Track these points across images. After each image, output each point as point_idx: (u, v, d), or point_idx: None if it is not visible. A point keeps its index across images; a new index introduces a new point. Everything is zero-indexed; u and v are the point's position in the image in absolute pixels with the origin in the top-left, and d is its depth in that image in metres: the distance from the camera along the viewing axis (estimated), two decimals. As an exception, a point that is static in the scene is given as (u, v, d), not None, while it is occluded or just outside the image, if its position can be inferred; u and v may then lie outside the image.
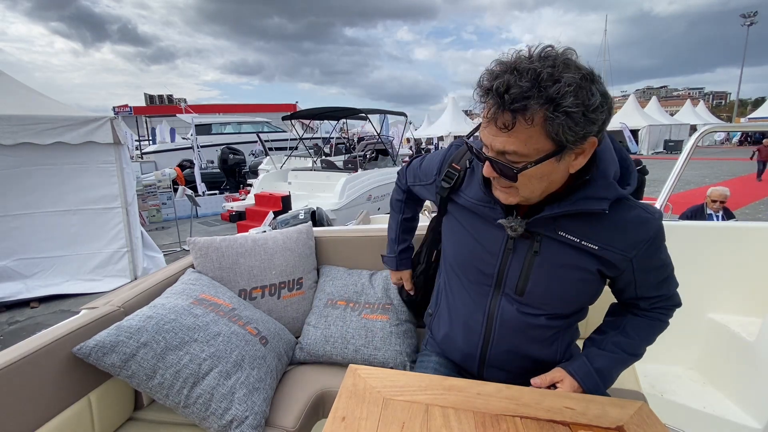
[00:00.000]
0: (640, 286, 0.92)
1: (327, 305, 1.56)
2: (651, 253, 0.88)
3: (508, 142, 0.73)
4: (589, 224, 0.85)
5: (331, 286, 1.62)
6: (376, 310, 1.51)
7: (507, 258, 0.93)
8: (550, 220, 0.86)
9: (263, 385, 1.18)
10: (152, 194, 8.19)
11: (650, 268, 0.90)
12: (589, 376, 0.92)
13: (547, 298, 0.93)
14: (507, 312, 0.96)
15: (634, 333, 0.96)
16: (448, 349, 1.12)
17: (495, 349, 1.00)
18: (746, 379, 1.64)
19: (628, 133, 24.95)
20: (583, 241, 0.86)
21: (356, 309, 1.53)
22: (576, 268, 0.89)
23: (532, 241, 0.90)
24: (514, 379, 0.98)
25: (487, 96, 0.72)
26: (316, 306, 1.59)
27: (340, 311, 1.53)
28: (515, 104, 0.68)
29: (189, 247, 1.52)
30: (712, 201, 3.78)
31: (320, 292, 1.63)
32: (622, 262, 0.87)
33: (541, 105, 0.68)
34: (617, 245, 0.85)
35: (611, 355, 0.95)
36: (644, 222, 0.86)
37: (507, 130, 0.71)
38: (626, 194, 0.85)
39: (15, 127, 3.64)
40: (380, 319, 1.48)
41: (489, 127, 0.74)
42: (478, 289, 1.00)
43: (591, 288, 0.92)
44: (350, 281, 1.62)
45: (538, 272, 0.90)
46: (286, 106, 21.67)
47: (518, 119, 0.70)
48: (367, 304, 1.54)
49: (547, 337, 0.97)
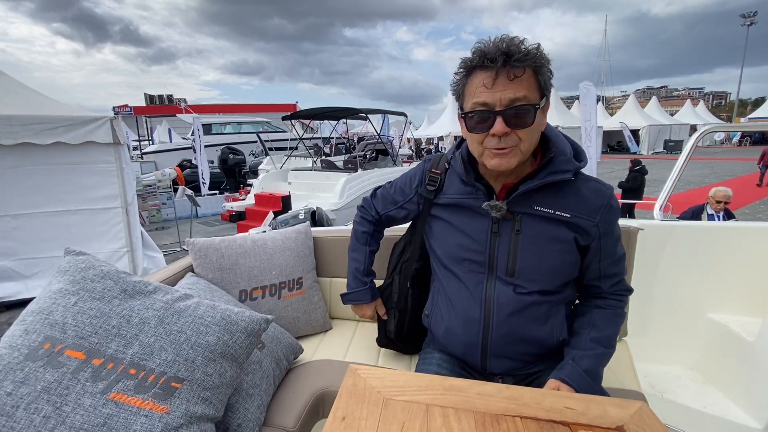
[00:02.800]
0: (604, 258, 1.04)
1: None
2: (610, 219, 1.02)
3: (519, 89, 0.87)
4: (557, 196, 0.99)
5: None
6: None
7: (494, 242, 1.03)
8: (526, 197, 0.99)
9: (257, 390, 1.14)
10: (152, 194, 8.19)
11: (611, 235, 1.03)
12: (582, 378, 0.98)
13: (536, 274, 1.02)
14: (502, 294, 1.03)
15: (604, 325, 1.05)
16: (450, 343, 1.14)
17: (495, 335, 1.05)
18: (746, 379, 1.64)
19: (628, 132, 24.96)
20: (556, 211, 0.99)
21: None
22: (555, 240, 1.00)
23: (513, 221, 1.01)
24: (516, 369, 1.08)
25: (489, 62, 0.87)
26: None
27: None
28: (519, 60, 0.86)
29: (188, 248, 1.52)
30: (716, 201, 3.80)
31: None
32: (591, 228, 1.00)
33: (534, 62, 0.88)
34: (583, 211, 0.99)
35: (593, 353, 1.02)
36: (599, 190, 1.02)
37: (518, 77, 0.87)
38: (582, 167, 1.01)
39: (15, 127, 3.64)
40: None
41: (497, 84, 0.87)
42: (472, 278, 1.07)
43: (571, 258, 1.02)
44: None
45: (524, 250, 1.01)
46: (286, 106, 21.67)
47: (525, 69, 0.87)
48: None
49: (541, 314, 1.04)
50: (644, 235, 1.62)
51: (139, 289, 0.98)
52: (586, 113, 6.77)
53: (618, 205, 1.04)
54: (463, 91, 0.96)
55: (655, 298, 1.95)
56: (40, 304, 0.92)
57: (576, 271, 1.05)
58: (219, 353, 0.96)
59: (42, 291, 0.96)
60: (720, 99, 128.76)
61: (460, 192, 1.08)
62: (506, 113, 0.88)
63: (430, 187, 1.14)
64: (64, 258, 1.02)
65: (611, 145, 29.54)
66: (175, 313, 0.96)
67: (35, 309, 0.91)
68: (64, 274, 0.97)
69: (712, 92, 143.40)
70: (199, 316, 0.98)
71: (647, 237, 1.79)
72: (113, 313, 0.91)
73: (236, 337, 1.00)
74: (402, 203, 1.26)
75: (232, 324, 1.00)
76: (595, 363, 1.02)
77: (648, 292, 1.93)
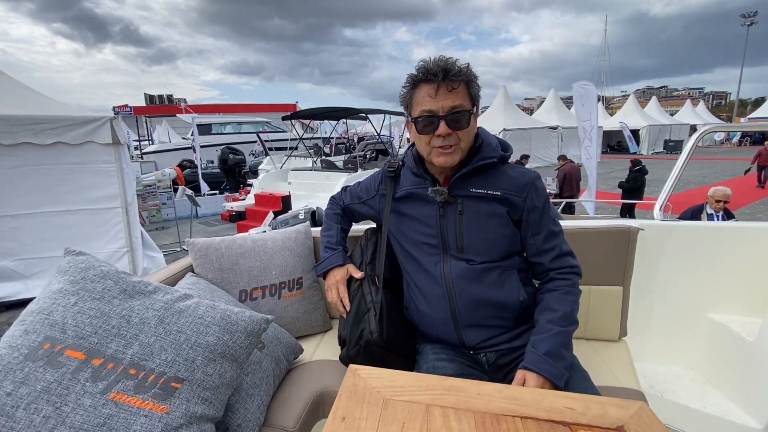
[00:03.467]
0: (536, 232, 1.18)
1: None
2: (537, 197, 1.18)
3: (456, 98, 1.09)
4: (489, 179, 1.18)
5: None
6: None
7: (443, 225, 1.20)
8: (463, 182, 1.18)
9: (257, 391, 1.15)
10: (152, 194, 8.19)
11: (538, 210, 1.18)
12: (543, 362, 1.04)
13: (481, 247, 1.17)
14: (457, 268, 1.18)
15: (557, 305, 1.13)
16: (429, 324, 1.25)
17: (459, 304, 1.17)
18: (746, 379, 1.64)
19: (628, 132, 24.95)
20: (489, 191, 1.17)
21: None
22: (492, 215, 1.17)
23: (455, 204, 1.19)
24: (494, 340, 1.18)
25: (432, 77, 1.08)
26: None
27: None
28: (455, 75, 1.08)
29: (188, 248, 1.52)
30: (716, 201, 3.80)
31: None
32: (519, 203, 1.17)
33: (466, 76, 1.10)
34: (512, 189, 1.17)
35: (550, 335, 1.08)
36: (524, 173, 1.21)
37: (455, 89, 1.08)
38: (507, 156, 1.22)
39: (15, 127, 3.64)
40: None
41: (439, 94, 1.08)
42: (431, 260, 1.22)
43: (508, 230, 1.18)
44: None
45: (468, 227, 1.17)
46: (286, 106, 21.67)
47: (460, 83, 1.09)
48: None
49: (496, 279, 1.17)
50: (644, 235, 1.62)
51: (139, 289, 0.98)
52: (585, 113, 6.76)
53: (543, 186, 1.21)
54: (410, 101, 1.16)
55: (655, 298, 1.95)
56: (40, 304, 0.92)
57: (517, 243, 1.20)
58: (219, 353, 0.96)
59: (42, 291, 0.96)
60: (720, 99, 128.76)
61: (411, 183, 1.27)
62: (447, 118, 1.09)
63: (390, 175, 1.34)
64: (64, 258, 1.02)
65: (611, 145, 29.54)
66: (175, 313, 0.96)
67: (35, 309, 0.90)
68: (64, 274, 0.97)
69: (712, 92, 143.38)
70: (199, 316, 0.98)
71: (647, 237, 1.79)
72: (113, 313, 0.91)
73: (236, 337, 1.00)
74: (365, 200, 1.44)
75: (232, 324, 1.00)
76: (555, 343, 1.07)
77: (648, 292, 1.93)
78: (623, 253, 1.54)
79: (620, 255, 1.54)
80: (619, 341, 1.59)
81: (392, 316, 1.27)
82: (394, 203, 1.32)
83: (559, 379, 1.03)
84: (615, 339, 1.58)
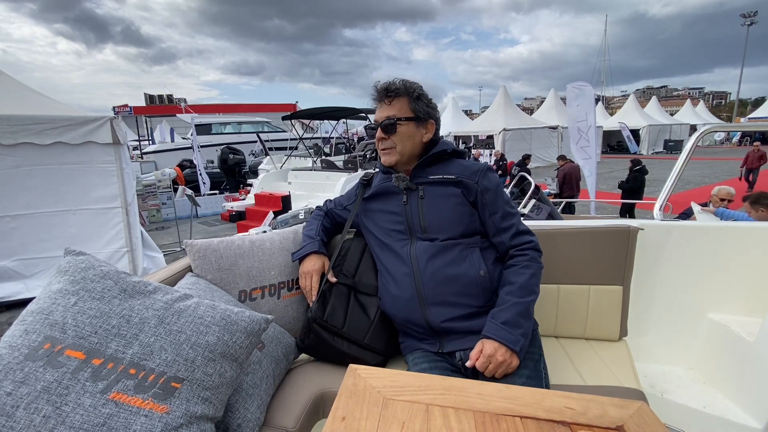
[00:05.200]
0: (492, 212, 1.30)
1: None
2: (487, 181, 1.32)
3: (391, 110, 1.33)
4: (445, 167, 1.37)
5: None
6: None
7: (408, 211, 1.35)
8: (422, 171, 1.37)
9: (257, 391, 1.15)
10: (152, 194, 8.19)
11: (490, 191, 1.31)
12: (500, 329, 1.13)
13: (442, 225, 1.30)
14: (422, 248, 1.30)
15: (515, 278, 1.23)
16: (397, 307, 1.32)
17: (424, 279, 1.26)
18: (746, 379, 1.64)
19: (628, 132, 24.94)
20: (444, 175, 1.34)
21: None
22: (449, 196, 1.32)
23: (417, 191, 1.35)
24: (456, 317, 1.23)
25: (380, 94, 1.35)
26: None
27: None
28: (391, 92, 1.33)
29: (186, 249, 1.52)
30: (720, 199, 3.83)
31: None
32: (473, 185, 1.31)
33: (407, 93, 1.34)
34: (465, 174, 1.33)
35: (508, 306, 1.17)
36: (476, 163, 1.39)
37: (389, 104, 1.34)
38: (461, 152, 1.42)
39: (15, 127, 3.64)
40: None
41: (380, 108, 1.36)
42: (400, 245, 1.35)
43: (465, 209, 1.31)
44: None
45: (429, 210, 1.32)
46: (286, 106, 21.67)
47: (394, 97, 1.34)
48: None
49: (457, 255, 1.27)
50: (644, 235, 1.62)
51: (139, 289, 0.98)
52: (581, 113, 6.77)
53: (495, 175, 1.37)
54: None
55: (655, 298, 1.95)
56: (40, 304, 0.91)
57: (475, 222, 1.31)
58: (219, 353, 0.96)
59: (42, 291, 0.95)
60: (720, 99, 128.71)
61: (382, 180, 1.46)
62: (381, 125, 1.34)
63: (363, 182, 1.55)
64: (64, 258, 1.01)
65: (611, 145, 29.55)
66: (175, 313, 0.96)
67: (35, 309, 0.90)
68: (63, 274, 0.96)
69: (712, 92, 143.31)
70: (199, 316, 0.97)
71: (647, 237, 1.79)
72: (113, 313, 0.91)
73: (236, 337, 0.99)
74: (346, 205, 1.62)
75: (232, 324, 1.00)
76: (513, 313, 1.16)
77: (648, 291, 1.93)
78: (623, 252, 1.54)
79: (620, 255, 1.54)
80: (619, 341, 1.59)
81: (357, 314, 1.41)
82: (365, 203, 1.51)
83: (514, 343, 1.11)
84: (615, 339, 1.59)
